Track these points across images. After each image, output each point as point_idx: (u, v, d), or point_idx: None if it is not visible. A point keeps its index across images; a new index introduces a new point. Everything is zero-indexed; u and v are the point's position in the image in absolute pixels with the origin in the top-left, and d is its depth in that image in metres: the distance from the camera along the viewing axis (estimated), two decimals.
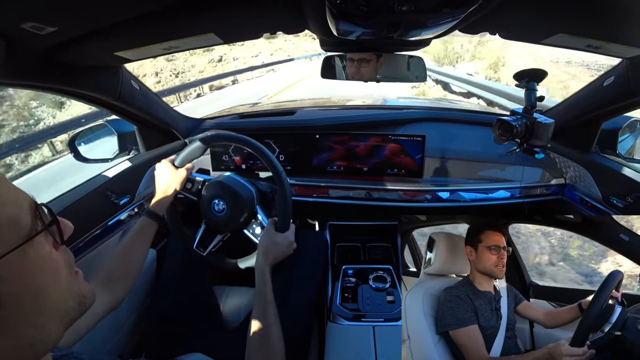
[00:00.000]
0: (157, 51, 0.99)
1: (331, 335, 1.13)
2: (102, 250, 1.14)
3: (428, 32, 0.89)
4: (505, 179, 1.42)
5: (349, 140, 1.42)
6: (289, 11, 0.86)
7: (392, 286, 1.36)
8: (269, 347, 0.81)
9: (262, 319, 0.84)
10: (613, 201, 1.17)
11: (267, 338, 0.82)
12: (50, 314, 0.39)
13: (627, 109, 1.09)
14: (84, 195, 1.11)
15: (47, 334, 0.38)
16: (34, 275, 0.37)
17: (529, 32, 0.92)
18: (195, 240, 1.10)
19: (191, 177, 1.09)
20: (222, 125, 1.66)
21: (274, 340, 0.82)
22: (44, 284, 0.38)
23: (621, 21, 0.72)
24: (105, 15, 0.73)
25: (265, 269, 0.92)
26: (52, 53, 0.82)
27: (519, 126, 0.95)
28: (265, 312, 0.85)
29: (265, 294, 0.88)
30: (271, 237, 0.98)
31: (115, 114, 1.28)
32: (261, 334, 0.82)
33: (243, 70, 18.03)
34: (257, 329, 0.83)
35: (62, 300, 0.40)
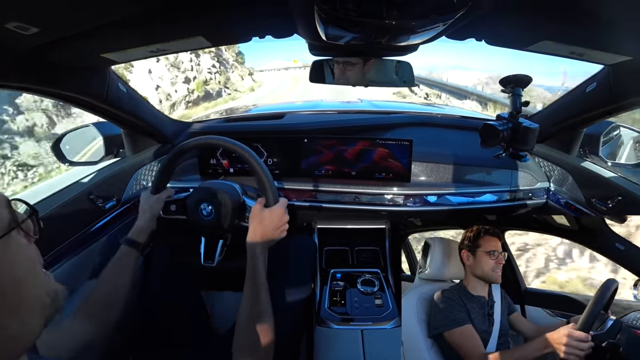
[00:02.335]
0: (144, 54, 0.98)
1: (320, 339, 1.13)
2: (87, 255, 1.12)
3: (416, 37, 0.90)
4: (491, 182, 1.44)
5: (337, 144, 1.42)
6: (278, 15, 0.86)
7: (380, 290, 1.37)
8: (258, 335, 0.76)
9: (250, 305, 0.80)
10: (596, 204, 1.20)
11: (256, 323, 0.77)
12: (30, 307, 0.40)
13: (609, 114, 1.12)
14: (68, 199, 1.09)
15: (29, 327, 0.40)
16: (14, 268, 0.39)
17: (515, 38, 0.94)
18: (201, 256, 1.08)
19: (172, 200, 1.08)
20: (210, 128, 1.65)
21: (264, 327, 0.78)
22: (23, 276, 0.40)
23: (603, 29, 0.74)
24: (91, 17, 0.72)
25: (255, 249, 0.87)
26: (37, 54, 0.81)
27: (505, 131, 0.97)
28: (254, 297, 0.81)
29: (254, 277, 0.84)
30: (257, 214, 0.93)
31: (102, 116, 1.26)
32: (250, 321, 0.78)
33: None
34: (245, 316, 0.79)
35: (39, 295, 0.41)
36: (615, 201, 1.13)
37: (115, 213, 1.28)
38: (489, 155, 1.12)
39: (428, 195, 1.42)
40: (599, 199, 1.20)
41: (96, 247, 1.17)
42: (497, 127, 0.97)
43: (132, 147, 1.44)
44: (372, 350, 1.08)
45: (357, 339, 1.11)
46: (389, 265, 1.56)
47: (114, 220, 1.26)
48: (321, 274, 1.45)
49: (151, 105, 1.42)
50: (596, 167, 1.26)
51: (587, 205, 1.24)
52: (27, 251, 0.42)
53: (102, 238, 1.20)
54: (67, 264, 1.04)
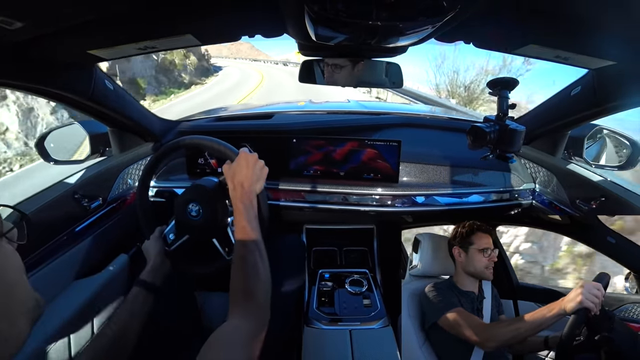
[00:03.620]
0: (132, 51, 0.97)
1: (308, 339, 1.13)
2: (71, 255, 1.10)
3: (405, 39, 0.91)
4: (478, 183, 1.46)
5: (326, 144, 1.42)
6: (268, 15, 0.86)
7: (368, 290, 1.37)
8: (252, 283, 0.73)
9: (242, 255, 0.78)
10: (579, 204, 1.22)
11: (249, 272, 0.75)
12: (18, 310, 0.42)
13: (593, 117, 1.14)
14: (52, 198, 1.07)
15: (18, 330, 0.41)
16: (5, 271, 0.41)
17: (502, 42, 0.95)
18: None
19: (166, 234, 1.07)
20: (198, 127, 1.64)
21: (258, 275, 0.75)
22: (12, 280, 0.42)
23: (588, 33, 0.76)
24: (77, 12, 0.70)
25: (239, 205, 0.85)
26: (21, 49, 0.79)
27: (492, 133, 0.98)
28: (245, 247, 0.79)
29: (244, 229, 0.81)
30: (227, 172, 0.92)
31: (87, 114, 1.23)
32: (243, 270, 0.75)
33: None
34: (237, 267, 0.76)
35: (26, 299, 0.44)
36: (598, 202, 1.16)
37: (101, 213, 1.26)
38: (476, 157, 1.13)
39: (416, 195, 1.43)
40: (582, 199, 1.22)
41: (81, 247, 1.15)
42: (485, 129, 0.98)
43: (118, 145, 1.41)
44: (360, 350, 1.09)
45: (345, 339, 1.12)
46: (377, 266, 1.57)
47: (99, 220, 1.24)
48: (309, 274, 1.45)
49: (138, 103, 1.41)
50: (580, 168, 1.28)
51: (570, 206, 1.27)
52: (15, 258, 0.44)
53: (87, 238, 1.18)
54: (52, 265, 1.02)
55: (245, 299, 0.71)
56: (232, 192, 0.90)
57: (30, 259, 0.96)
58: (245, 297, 0.71)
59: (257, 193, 0.91)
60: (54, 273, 1.03)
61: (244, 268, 0.75)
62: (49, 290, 0.99)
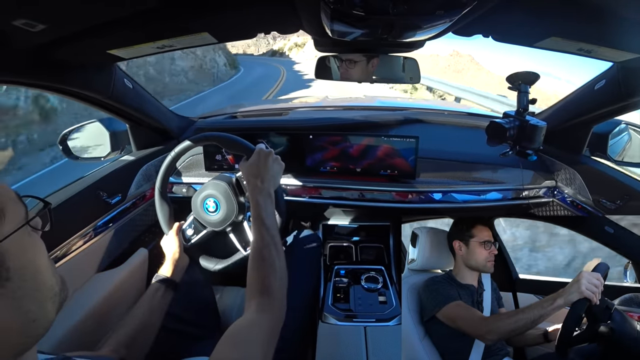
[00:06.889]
0: (150, 50, 0.98)
1: (322, 335, 1.13)
2: (93, 249, 1.13)
3: (422, 33, 0.90)
4: (497, 180, 1.43)
5: (342, 140, 1.42)
6: (284, 11, 0.85)
7: (384, 287, 1.36)
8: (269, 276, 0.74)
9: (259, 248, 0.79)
10: (603, 203, 1.18)
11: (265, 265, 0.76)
12: (46, 293, 0.43)
13: (618, 113, 1.10)
14: (75, 193, 1.10)
15: (45, 312, 0.42)
16: (34, 254, 0.43)
17: (522, 35, 0.93)
18: None
19: (184, 229, 1.09)
20: (215, 124, 1.66)
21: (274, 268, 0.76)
22: (40, 263, 0.43)
23: (612, 25, 0.73)
24: (98, 14, 0.72)
25: (257, 199, 0.87)
26: (44, 50, 0.81)
27: (512, 129, 0.96)
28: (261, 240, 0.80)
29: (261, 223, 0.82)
30: (244, 169, 0.94)
31: (108, 112, 1.27)
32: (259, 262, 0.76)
33: None
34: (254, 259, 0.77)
35: (53, 283, 0.45)
36: (623, 201, 1.12)
37: (121, 208, 1.29)
38: (495, 153, 1.11)
39: (433, 192, 1.41)
40: (606, 198, 1.18)
41: (102, 241, 1.18)
42: (504, 125, 0.96)
43: (137, 142, 1.44)
44: (374, 347, 1.08)
45: (360, 336, 1.11)
46: (393, 262, 1.56)
47: (120, 216, 1.27)
48: (325, 270, 1.45)
49: (157, 101, 1.43)
50: (604, 166, 1.24)
51: (594, 205, 1.23)
52: (40, 243, 0.45)
53: (108, 233, 1.21)
54: (74, 258, 1.05)
55: (261, 294, 0.71)
56: (249, 188, 0.91)
57: (54, 251, 0.99)
58: (262, 292, 0.72)
59: (274, 189, 0.92)
60: (76, 266, 1.06)
61: (260, 263, 0.76)
62: (70, 283, 1.02)
